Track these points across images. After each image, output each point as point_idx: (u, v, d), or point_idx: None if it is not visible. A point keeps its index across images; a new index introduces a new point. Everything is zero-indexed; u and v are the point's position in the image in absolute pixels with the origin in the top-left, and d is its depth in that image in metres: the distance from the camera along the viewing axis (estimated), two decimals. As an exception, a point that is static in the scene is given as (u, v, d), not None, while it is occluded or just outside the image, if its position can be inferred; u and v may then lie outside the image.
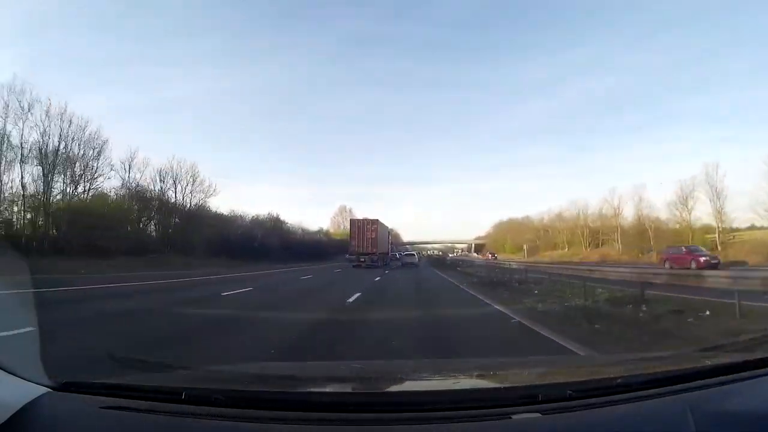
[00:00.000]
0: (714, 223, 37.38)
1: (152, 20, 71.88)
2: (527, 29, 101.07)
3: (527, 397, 1.16)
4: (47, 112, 25.67)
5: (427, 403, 1.21)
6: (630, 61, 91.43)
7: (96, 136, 28.52)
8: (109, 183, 30.72)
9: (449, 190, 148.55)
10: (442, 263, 39.11)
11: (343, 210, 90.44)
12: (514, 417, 1.06)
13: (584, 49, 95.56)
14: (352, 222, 37.61)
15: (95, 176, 29.06)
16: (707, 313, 6.47)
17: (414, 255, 47.37)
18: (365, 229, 35.35)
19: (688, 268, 19.82)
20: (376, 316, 8.07)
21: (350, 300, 10.50)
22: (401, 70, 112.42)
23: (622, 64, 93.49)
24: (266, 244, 42.65)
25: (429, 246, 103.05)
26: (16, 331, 2.94)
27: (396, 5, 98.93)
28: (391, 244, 48.31)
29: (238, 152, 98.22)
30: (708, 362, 1.59)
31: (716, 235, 35.97)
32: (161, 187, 35.45)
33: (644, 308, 7.14)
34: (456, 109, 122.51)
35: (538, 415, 1.07)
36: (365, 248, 34.39)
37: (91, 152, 28.43)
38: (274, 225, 51.35)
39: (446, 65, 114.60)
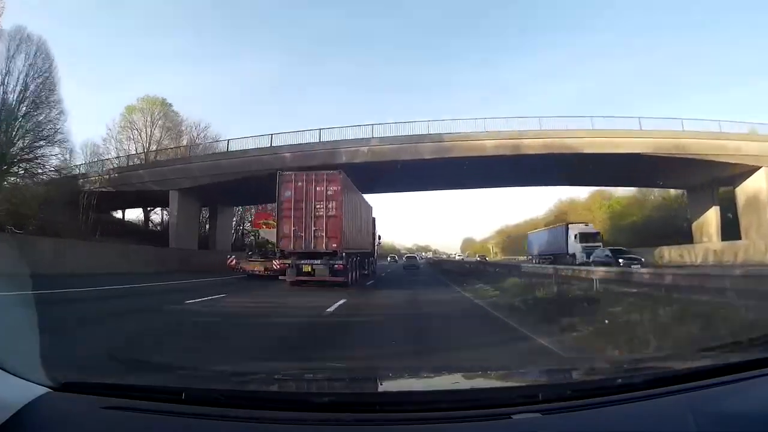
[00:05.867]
0: None
1: (115, 16, 70.61)
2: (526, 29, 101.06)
3: (527, 397, 1.16)
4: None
5: (427, 404, 1.21)
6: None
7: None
8: None
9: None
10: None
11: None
12: (514, 417, 1.06)
13: (557, 54, 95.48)
14: (284, 179, 13.35)
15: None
16: None
17: (415, 258, 41.98)
18: (315, 193, 13.12)
19: None
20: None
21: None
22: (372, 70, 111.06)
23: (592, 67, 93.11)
24: None
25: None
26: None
27: (375, 5, 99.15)
28: (378, 236, 23.59)
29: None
30: (708, 362, 1.59)
31: None
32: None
33: None
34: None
35: (539, 415, 1.07)
36: (316, 241, 13.00)
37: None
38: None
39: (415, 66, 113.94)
